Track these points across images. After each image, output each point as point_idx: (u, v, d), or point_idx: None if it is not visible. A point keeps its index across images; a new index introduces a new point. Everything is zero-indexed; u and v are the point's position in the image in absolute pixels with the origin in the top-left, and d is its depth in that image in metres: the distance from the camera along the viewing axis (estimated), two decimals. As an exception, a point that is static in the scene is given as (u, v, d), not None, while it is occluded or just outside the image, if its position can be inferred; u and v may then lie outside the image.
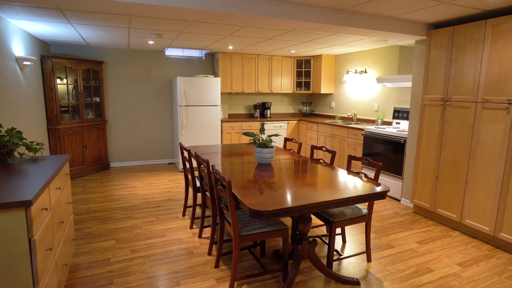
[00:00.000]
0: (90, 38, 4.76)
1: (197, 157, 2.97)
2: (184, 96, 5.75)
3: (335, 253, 3.00)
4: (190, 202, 4.23)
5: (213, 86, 5.97)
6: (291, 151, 3.88)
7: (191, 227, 3.49)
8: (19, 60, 3.76)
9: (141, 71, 6.18)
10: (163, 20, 3.59)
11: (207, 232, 3.40)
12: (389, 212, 4.03)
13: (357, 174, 2.86)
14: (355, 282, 2.49)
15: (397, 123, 5.03)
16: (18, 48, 3.86)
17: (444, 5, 2.95)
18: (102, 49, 5.85)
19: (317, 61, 6.62)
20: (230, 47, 5.64)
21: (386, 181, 4.54)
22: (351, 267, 2.76)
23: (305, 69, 6.88)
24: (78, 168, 5.45)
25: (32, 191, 1.67)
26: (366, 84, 5.82)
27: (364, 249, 3.08)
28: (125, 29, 4.09)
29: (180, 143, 3.58)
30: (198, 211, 4.00)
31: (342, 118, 6.46)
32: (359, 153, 5.12)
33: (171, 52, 6.19)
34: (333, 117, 6.75)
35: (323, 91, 6.57)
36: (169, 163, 6.56)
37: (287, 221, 3.62)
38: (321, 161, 3.36)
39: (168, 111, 6.50)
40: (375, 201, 4.31)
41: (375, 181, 2.62)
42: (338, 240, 3.25)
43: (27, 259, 1.60)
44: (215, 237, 3.12)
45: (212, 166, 2.49)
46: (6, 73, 3.46)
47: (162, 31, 4.22)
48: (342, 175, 2.74)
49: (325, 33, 4.25)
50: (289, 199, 2.08)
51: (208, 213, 3.92)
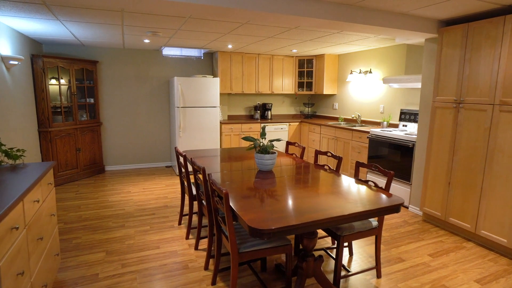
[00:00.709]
0: (83, 36, 4.54)
1: (192, 164, 2.75)
2: (181, 97, 5.54)
3: (342, 268, 2.78)
4: (187, 209, 4.02)
5: (212, 87, 5.75)
6: (294, 155, 3.66)
7: (187, 238, 3.27)
8: (5, 59, 3.54)
9: (137, 71, 5.96)
10: (158, 16, 3.37)
11: (204, 243, 3.18)
12: (397, 220, 3.81)
13: (365, 182, 2.64)
14: (365, 303, 2.27)
15: (404, 125, 4.81)
16: (4, 47, 3.64)
17: (459, 0, 2.73)
18: (97, 48, 5.63)
19: (319, 61, 6.40)
20: (230, 46, 5.42)
21: (393, 187, 4.32)
22: (359, 284, 2.54)
23: (307, 69, 6.66)
24: (71, 172, 5.23)
25: (-1, 208, 1.46)
26: (370, 85, 5.60)
27: (373, 263, 2.86)
28: (118, 27, 3.87)
29: (175, 148, 3.36)
30: (195, 218, 3.78)
31: (345, 120, 6.23)
32: (364, 157, 4.90)
33: (168, 51, 5.98)
34: (336, 118, 6.52)
35: (325, 91, 6.35)
36: (166, 166, 6.34)
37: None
38: (325, 167, 3.14)
39: (166, 112, 6.29)
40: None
41: (386, 191, 2.40)
42: (345, 253, 3.03)
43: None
44: (212, 249, 2.90)
45: (208, 175, 2.27)
46: (-10, 73, 3.24)
47: (157, 29, 4.01)
48: (350, 183, 2.52)
49: (330, 31, 4.03)
50: (293, 214, 1.86)
51: (206, 221, 3.70)
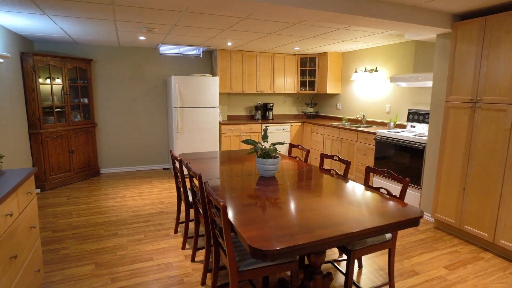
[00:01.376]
0: (74, 33, 4.32)
1: (188, 170, 2.52)
2: (179, 96, 5.31)
3: (352, 285, 2.55)
4: (184, 215, 3.79)
5: (211, 86, 5.53)
6: (297, 159, 3.43)
7: (183, 248, 3.05)
8: (-11, 56, 3.32)
9: (133, 70, 5.74)
10: (152, 10, 3.14)
11: (201, 254, 2.96)
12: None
13: (377, 190, 2.41)
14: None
15: (412, 126, 4.58)
16: (-11, 44, 3.42)
17: (479, -10, 2.50)
18: (91, 46, 5.41)
19: (322, 59, 6.17)
20: (229, 44, 5.20)
21: (398, 188, 4.08)
22: (371, 302, 2.32)
23: (309, 68, 6.43)
24: (64, 175, 5.01)
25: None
26: (376, 84, 5.37)
27: (384, 276, 2.63)
28: (110, 22, 3.64)
29: (170, 151, 3.14)
30: (192, 226, 3.55)
31: (349, 121, 6.00)
32: (370, 159, 4.67)
33: (165, 49, 5.75)
34: (339, 119, 6.29)
35: (329, 91, 6.12)
36: (164, 169, 6.12)
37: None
38: (332, 172, 2.92)
39: (163, 112, 6.06)
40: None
41: (401, 200, 2.18)
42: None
43: None
44: (210, 260, 2.68)
45: (204, 183, 2.04)
46: (-28, 71, 3.02)
47: (152, 24, 3.78)
48: (361, 191, 2.29)
49: (336, 26, 3.80)
50: (300, 229, 1.63)
51: (203, 229, 3.47)
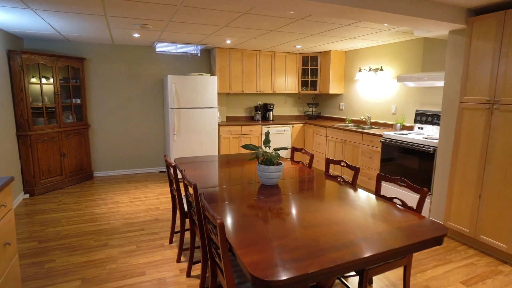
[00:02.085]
0: (65, 30, 4.09)
1: (183, 178, 2.30)
2: (175, 97, 5.09)
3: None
4: (179, 223, 3.57)
5: (209, 86, 5.31)
6: (300, 164, 3.22)
7: (178, 261, 2.82)
8: (-31, 54, 3.09)
9: (128, 69, 5.51)
10: (144, 4, 2.92)
11: (197, 268, 2.73)
12: (417, 236, 3.36)
13: (390, 200, 2.20)
14: None
15: (419, 128, 4.36)
16: (-30, 40, 3.19)
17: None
18: (84, 44, 5.18)
19: (325, 58, 5.95)
20: (228, 42, 4.97)
21: (410, 196, 3.87)
22: (385, 324, 2.10)
23: (311, 67, 6.21)
24: (55, 179, 4.78)
25: None
26: (381, 83, 5.15)
27: (397, 294, 2.42)
28: (101, 17, 3.42)
29: (165, 157, 2.91)
30: (188, 235, 3.33)
31: (353, 122, 5.79)
32: (376, 162, 4.45)
33: (162, 47, 5.53)
34: (342, 120, 6.08)
35: (331, 91, 5.90)
36: (160, 172, 5.90)
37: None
38: (338, 178, 2.70)
39: (160, 113, 5.84)
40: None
41: (418, 213, 1.96)
42: (362, 279, 2.58)
43: None
44: (206, 275, 2.46)
45: (200, 194, 1.82)
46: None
47: (146, 20, 3.56)
48: (373, 202, 2.07)
49: (343, 22, 3.58)
50: (309, 252, 1.41)
51: (200, 241, 3.25)
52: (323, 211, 1.91)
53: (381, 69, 5.01)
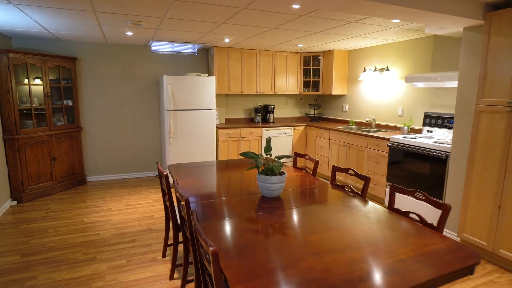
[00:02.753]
0: (53, 28, 3.85)
1: (175, 190, 2.07)
2: (171, 98, 4.85)
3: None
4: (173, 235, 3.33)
5: (207, 87, 5.07)
6: (304, 172, 2.98)
7: (171, 278, 2.59)
8: None
9: (123, 69, 5.28)
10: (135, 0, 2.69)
11: (191, 286, 2.50)
12: (429, 248, 3.13)
13: (405, 215, 1.97)
14: None
15: (428, 131, 4.13)
16: None
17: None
18: (75, 43, 4.94)
19: (327, 57, 5.71)
20: (227, 40, 4.74)
21: (421, 205, 3.64)
22: None
23: (313, 67, 5.98)
24: (45, 185, 4.54)
25: None
26: (387, 84, 4.92)
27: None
28: (89, 13, 3.18)
29: (157, 164, 2.68)
30: (182, 248, 3.09)
31: (357, 124, 5.55)
32: (382, 167, 4.21)
33: (158, 47, 5.29)
34: (345, 122, 5.84)
35: (334, 92, 5.66)
36: (156, 176, 5.66)
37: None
38: (346, 188, 2.47)
39: (156, 115, 5.60)
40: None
41: (440, 233, 1.73)
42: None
43: None
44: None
45: (192, 212, 1.59)
46: None
47: (138, 17, 3.32)
48: (388, 219, 1.84)
49: (349, 18, 3.34)
50: None
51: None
52: (333, 231, 1.67)
53: (387, 69, 4.77)
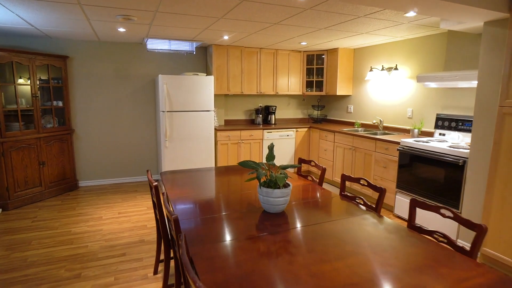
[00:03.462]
0: (40, 24, 3.60)
1: (164, 205, 1.81)
2: (167, 99, 4.59)
3: None
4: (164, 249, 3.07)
5: (205, 87, 4.81)
6: (309, 180, 2.72)
7: (162, 299, 2.33)
8: None
9: (117, 68, 5.02)
10: (122, -11, 2.43)
11: (185, 310, 2.23)
12: (446, 263, 2.86)
13: (430, 234, 1.71)
14: None
15: (441, 134, 3.87)
16: None
17: None
18: (66, 41, 4.68)
19: (331, 56, 5.45)
20: (226, 38, 4.47)
21: (434, 215, 3.37)
22: None
23: (317, 66, 5.71)
24: (33, 191, 4.28)
25: None
26: (396, 84, 4.65)
27: None
28: (74, 6, 2.92)
29: (147, 172, 2.42)
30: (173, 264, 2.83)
31: (363, 126, 5.28)
32: (392, 173, 3.95)
33: (153, 44, 5.03)
34: (351, 123, 5.57)
35: (339, 92, 5.40)
36: (152, 181, 5.39)
37: None
38: (357, 200, 2.21)
39: (151, 117, 5.34)
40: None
41: (474, 259, 1.47)
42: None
43: None
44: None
45: (180, 237, 1.33)
46: None
47: (128, 11, 3.06)
48: (412, 242, 1.57)
49: (357, 12, 3.08)
50: None
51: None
52: (348, 258, 1.41)
53: (396, 68, 4.50)
